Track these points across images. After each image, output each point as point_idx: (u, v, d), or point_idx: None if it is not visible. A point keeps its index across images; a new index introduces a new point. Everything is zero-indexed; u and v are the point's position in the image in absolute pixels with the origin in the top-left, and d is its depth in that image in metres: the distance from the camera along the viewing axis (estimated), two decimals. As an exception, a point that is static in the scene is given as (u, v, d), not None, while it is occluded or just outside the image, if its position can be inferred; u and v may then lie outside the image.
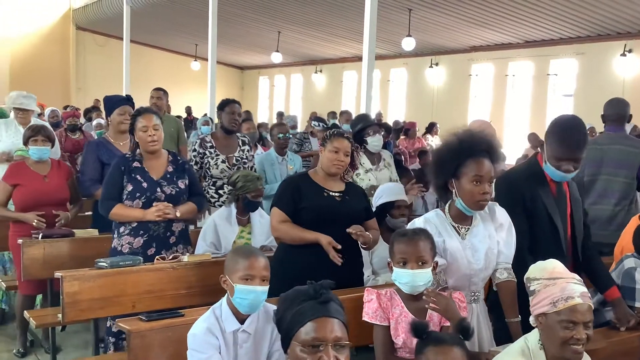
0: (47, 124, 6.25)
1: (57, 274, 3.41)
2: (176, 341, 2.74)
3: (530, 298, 2.36)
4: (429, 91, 15.83)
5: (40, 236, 4.21)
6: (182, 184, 3.96)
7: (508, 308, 2.80)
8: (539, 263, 2.43)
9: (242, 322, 2.58)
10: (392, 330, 2.57)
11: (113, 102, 4.86)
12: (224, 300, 2.62)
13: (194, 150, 5.09)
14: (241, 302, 2.53)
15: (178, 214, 3.87)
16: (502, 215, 2.93)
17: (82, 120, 10.58)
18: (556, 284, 2.28)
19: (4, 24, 18.14)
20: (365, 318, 2.56)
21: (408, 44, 13.12)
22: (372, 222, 3.62)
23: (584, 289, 2.29)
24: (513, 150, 12.20)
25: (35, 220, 4.33)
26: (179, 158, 4.10)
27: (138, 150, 3.92)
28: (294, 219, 3.41)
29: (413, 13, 12.22)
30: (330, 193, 3.46)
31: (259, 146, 7.77)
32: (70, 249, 4.24)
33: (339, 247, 3.28)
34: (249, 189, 4.26)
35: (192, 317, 2.73)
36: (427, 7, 11.89)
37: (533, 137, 10.54)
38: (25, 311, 4.21)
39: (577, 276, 2.36)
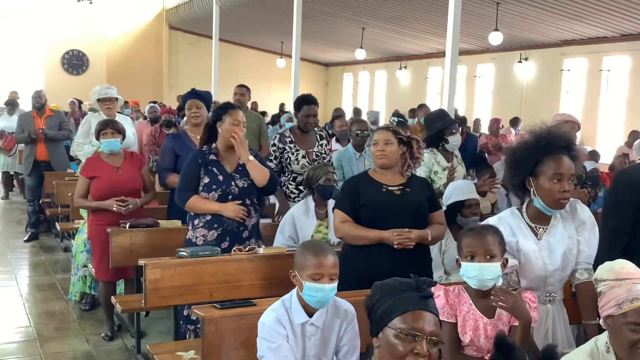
0: (129, 119, 6.58)
1: (141, 262, 3.58)
2: (248, 328, 2.83)
3: (598, 300, 2.27)
4: (518, 87, 15.35)
5: (127, 226, 4.42)
6: None
7: (586, 310, 2.70)
8: (607, 264, 2.33)
9: (310, 315, 2.61)
10: (459, 327, 2.53)
11: (184, 98, 5.09)
12: (294, 292, 2.66)
13: (274, 144, 5.15)
14: (310, 299, 2.57)
15: (253, 215, 3.99)
16: (584, 213, 2.82)
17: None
18: (622, 285, 2.18)
19: (102, 24, 19.06)
20: (431, 314, 2.53)
21: (495, 38, 12.78)
22: (437, 215, 3.52)
23: None
24: (608, 148, 11.66)
25: (115, 206, 4.55)
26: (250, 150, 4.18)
27: (214, 144, 4.00)
28: (355, 218, 3.39)
29: (501, 6, 11.87)
30: (389, 188, 3.40)
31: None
32: (155, 239, 4.42)
33: (404, 232, 3.26)
34: (319, 176, 4.31)
35: (263, 307, 2.80)
36: (515, 0, 11.53)
37: (632, 135, 10.02)
38: (112, 297, 4.45)
39: None
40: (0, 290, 6.04)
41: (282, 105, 16.85)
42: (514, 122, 12.45)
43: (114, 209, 4.55)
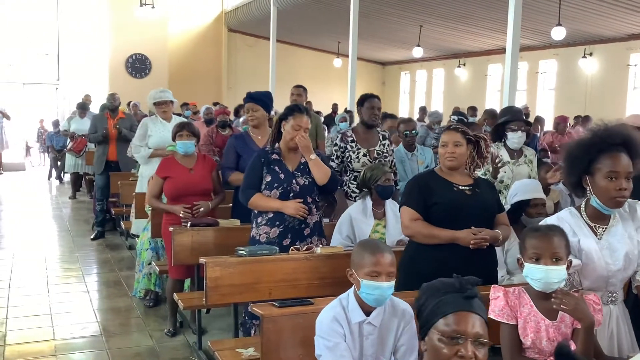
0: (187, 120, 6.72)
1: (202, 260, 3.66)
2: (306, 327, 2.84)
3: None
4: (582, 83, 14.91)
5: (189, 225, 4.53)
6: None
7: None
8: None
9: (367, 314, 2.61)
10: (520, 329, 2.48)
11: (244, 102, 5.20)
12: (351, 291, 2.67)
13: (335, 144, 5.19)
14: (367, 297, 2.58)
15: (315, 213, 4.04)
16: None
17: (232, 117, 11.17)
18: None
19: (164, 27, 19.49)
20: (491, 316, 2.49)
21: (558, 33, 12.44)
22: (503, 216, 3.48)
23: None
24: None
25: (182, 212, 4.67)
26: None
27: (277, 144, 4.09)
28: (425, 216, 3.35)
29: (564, 0, 11.56)
30: (460, 187, 3.35)
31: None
32: (215, 237, 4.51)
33: (479, 232, 3.21)
34: (377, 176, 4.30)
35: (321, 306, 2.81)
36: (579, -6, 11.23)
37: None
38: (174, 294, 4.56)
39: None
40: (69, 287, 6.28)
41: (334, 106, 16.80)
42: (583, 120, 11.97)
43: (181, 215, 4.67)
